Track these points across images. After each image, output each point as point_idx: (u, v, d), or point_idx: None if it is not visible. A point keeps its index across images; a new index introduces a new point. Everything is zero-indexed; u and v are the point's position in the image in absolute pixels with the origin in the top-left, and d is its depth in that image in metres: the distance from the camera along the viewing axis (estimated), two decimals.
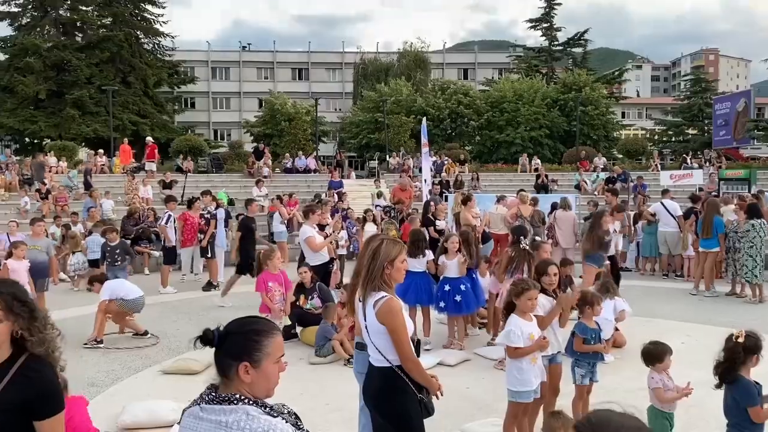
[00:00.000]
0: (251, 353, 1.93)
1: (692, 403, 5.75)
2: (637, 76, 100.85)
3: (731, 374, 3.71)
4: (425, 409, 3.43)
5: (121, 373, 7.12)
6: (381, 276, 3.43)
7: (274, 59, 56.98)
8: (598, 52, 65.13)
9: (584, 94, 37.49)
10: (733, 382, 3.72)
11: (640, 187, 20.24)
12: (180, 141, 30.71)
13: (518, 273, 6.76)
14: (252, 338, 1.96)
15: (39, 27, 39.48)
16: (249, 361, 1.92)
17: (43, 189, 18.60)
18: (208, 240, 12.16)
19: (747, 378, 3.70)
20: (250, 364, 1.92)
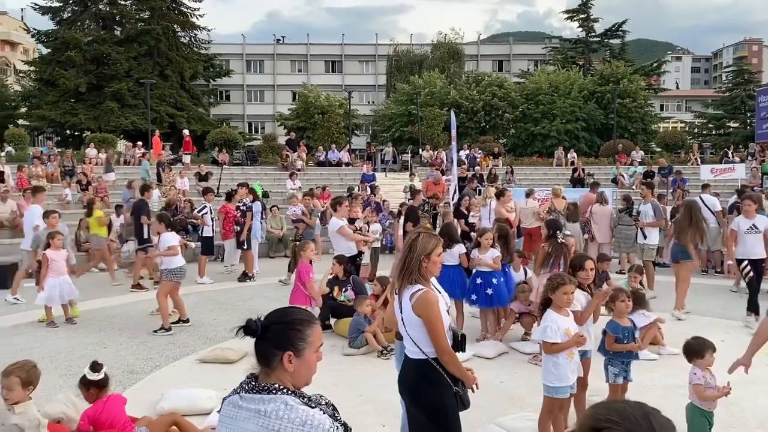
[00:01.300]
0: (295, 343, 1.98)
1: (732, 401, 5.65)
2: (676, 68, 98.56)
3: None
4: (461, 402, 3.44)
5: (159, 361, 7.27)
6: (418, 269, 3.44)
7: (307, 52, 57.18)
8: (636, 43, 63.84)
9: (622, 87, 36.78)
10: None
11: (679, 182, 19.82)
12: (215, 133, 31.13)
13: (554, 268, 6.70)
14: (296, 328, 2.00)
15: (79, 21, 40.31)
16: (292, 351, 1.96)
17: (84, 180, 19.04)
18: (247, 232, 12.29)
19: None
20: (293, 354, 1.96)
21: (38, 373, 3.97)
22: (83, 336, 8.33)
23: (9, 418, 3.82)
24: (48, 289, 8.69)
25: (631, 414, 1.32)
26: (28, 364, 3.96)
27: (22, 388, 3.83)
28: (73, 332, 8.57)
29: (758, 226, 8.43)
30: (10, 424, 3.82)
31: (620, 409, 1.34)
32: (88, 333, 8.51)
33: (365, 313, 7.62)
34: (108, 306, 10.05)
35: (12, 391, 3.82)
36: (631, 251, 12.25)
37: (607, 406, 1.37)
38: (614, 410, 1.33)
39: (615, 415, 1.32)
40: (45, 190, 13.82)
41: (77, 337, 8.29)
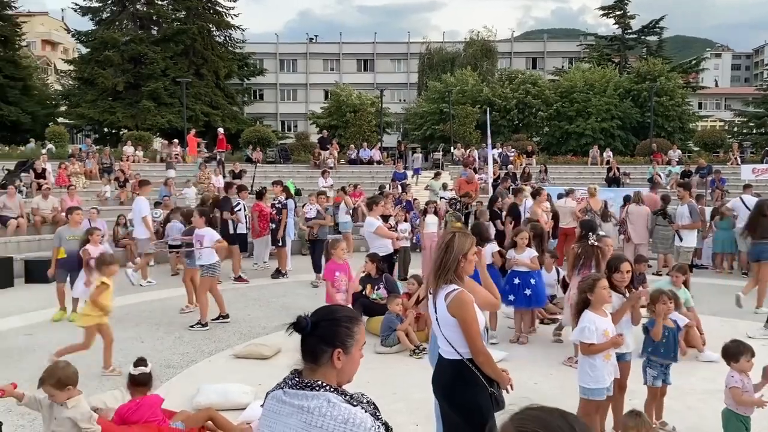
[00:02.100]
0: (344, 340, 2.01)
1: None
2: (715, 65, 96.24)
3: None
4: (496, 403, 3.41)
5: (195, 356, 7.38)
6: (455, 269, 3.43)
7: (339, 51, 57.42)
8: (674, 40, 62.61)
9: (659, 84, 36.08)
10: None
11: (718, 182, 19.37)
12: (249, 132, 31.46)
13: (585, 270, 6.61)
14: (344, 325, 2.03)
15: (117, 21, 41.14)
16: (342, 348, 2.00)
17: (122, 177, 19.42)
18: (283, 229, 12.38)
19: None
20: (342, 351, 2.00)
21: (70, 370, 4.02)
22: (121, 331, 8.48)
23: (62, 412, 3.95)
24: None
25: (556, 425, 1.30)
26: (57, 368, 4.02)
27: (60, 392, 3.92)
28: (111, 327, 8.74)
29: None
30: (63, 418, 3.94)
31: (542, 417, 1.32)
32: (125, 327, 8.68)
33: (396, 312, 7.62)
34: (143, 301, 10.24)
35: (54, 395, 3.94)
36: (668, 252, 12.02)
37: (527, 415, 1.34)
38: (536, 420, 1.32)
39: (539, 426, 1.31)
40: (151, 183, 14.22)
41: (115, 331, 8.43)
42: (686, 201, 11.00)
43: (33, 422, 5.34)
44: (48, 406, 4.01)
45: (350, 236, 14.60)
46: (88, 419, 3.95)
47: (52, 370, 3.99)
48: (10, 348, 7.69)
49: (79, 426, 3.91)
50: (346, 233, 14.56)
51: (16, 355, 7.40)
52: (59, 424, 3.94)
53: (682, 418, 5.14)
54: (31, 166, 18.47)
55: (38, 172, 17.90)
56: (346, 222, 14.94)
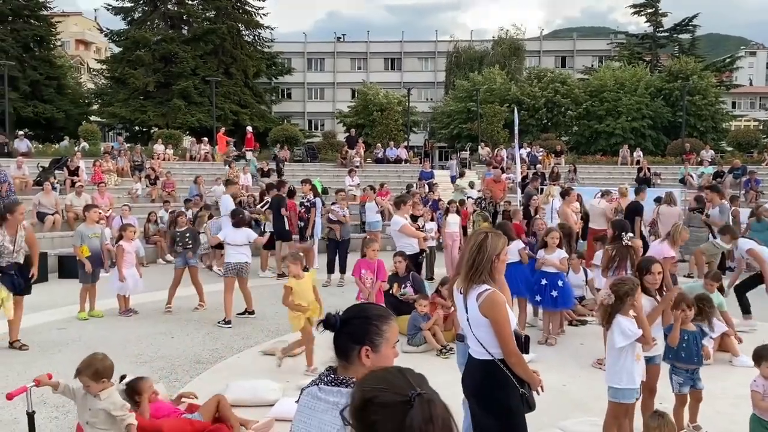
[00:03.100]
0: (372, 337, 2.02)
1: None
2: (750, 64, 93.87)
3: None
4: (527, 404, 3.40)
5: (224, 352, 7.47)
6: (488, 270, 3.42)
7: (367, 50, 57.48)
8: (707, 38, 61.45)
9: (691, 83, 35.42)
10: None
11: (753, 183, 18.96)
12: (277, 131, 31.69)
13: (620, 270, 6.52)
14: (373, 323, 2.04)
15: (149, 21, 41.75)
16: (370, 345, 2.01)
17: (152, 175, 19.72)
18: (311, 227, 12.47)
19: None
20: (370, 348, 2.00)
21: (107, 364, 4.10)
22: (151, 326, 8.64)
23: (96, 404, 4.04)
24: (126, 278, 9.08)
25: (391, 377, 1.50)
26: (95, 359, 4.10)
27: (95, 383, 4.01)
28: (141, 322, 8.91)
29: None
30: (97, 409, 4.03)
31: (383, 377, 1.51)
32: (156, 323, 8.83)
33: (423, 312, 7.61)
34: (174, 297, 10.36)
35: (89, 386, 4.03)
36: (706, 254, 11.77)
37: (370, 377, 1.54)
38: (379, 379, 1.50)
39: (381, 383, 1.48)
40: (236, 183, 14.53)
41: (145, 326, 8.60)
42: (717, 203, 10.73)
43: (67, 414, 5.46)
44: (82, 396, 4.11)
45: (378, 235, 14.56)
46: (120, 407, 4.04)
47: (90, 361, 4.08)
48: (45, 341, 7.87)
49: (113, 415, 4.00)
50: (376, 232, 14.46)
51: (50, 348, 7.57)
52: (93, 415, 4.03)
53: (713, 422, 5.06)
54: (65, 164, 18.85)
55: (72, 170, 18.27)
56: (376, 221, 14.81)
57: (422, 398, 1.44)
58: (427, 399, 1.44)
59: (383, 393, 1.46)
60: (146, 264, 13.47)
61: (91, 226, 9.33)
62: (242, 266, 8.85)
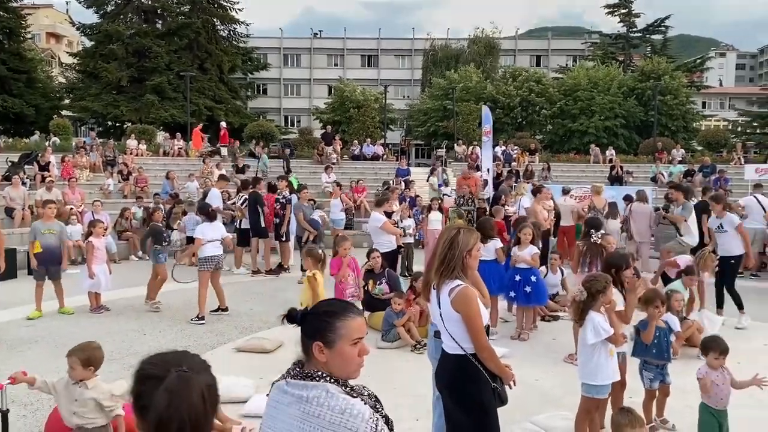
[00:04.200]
0: (324, 334, 1.99)
1: None
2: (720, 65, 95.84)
3: None
4: (499, 399, 3.43)
5: (196, 349, 7.38)
6: (459, 265, 3.44)
7: (344, 46, 57.37)
8: (678, 39, 62.45)
9: (663, 83, 35.97)
10: None
11: (721, 181, 19.33)
12: (252, 127, 31.45)
13: (591, 267, 6.62)
14: (324, 319, 2.01)
15: (122, 14, 41.06)
16: (322, 341, 1.98)
17: (125, 171, 19.45)
18: (287, 224, 12.41)
19: None
20: (323, 344, 1.98)
21: (99, 354, 4.13)
22: (123, 323, 8.54)
23: (84, 393, 4.03)
24: (96, 275, 8.94)
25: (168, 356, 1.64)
26: (89, 346, 4.13)
27: (82, 368, 4.00)
28: (113, 319, 8.79)
29: None
30: (85, 399, 4.02)
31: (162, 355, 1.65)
32: (128, 320, 8.73)
33: (397, 310, 7.63)
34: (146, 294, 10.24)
35: (74, 370, 4.02)
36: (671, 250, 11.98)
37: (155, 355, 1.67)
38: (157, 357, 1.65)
39: (155, 360, 1.63)
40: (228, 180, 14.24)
41: (116, 323, 8.50)
42: (681, 202, 10.87)
43: (36, 413, 5.38)
44: (64, 387, 4.09)
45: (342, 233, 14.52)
46: (109, 398, 4.05)
47: (85, 347, 4.11)
48: (14, 339, 7.73)
49: (102, 405, 3.99)
50: (338, 230, 14.41)
51: (19, 346, 7.44)
52: (82, 405, 4.02)
53: (682, 416, 5.15)
54: (35, 159, 18.49)
55: (42, 165, 17.93)
56: (340, 219, 14.77)
57: (179, 375, 1.54)
58: (185, 377, 1.54)
59: (151, 367, 1.60)
60: (118, 260, 13.31)
61: (47, 223, 9.03)
62: (219, 258, 8.83)
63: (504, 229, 10.71)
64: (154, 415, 1.50)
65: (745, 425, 5.01)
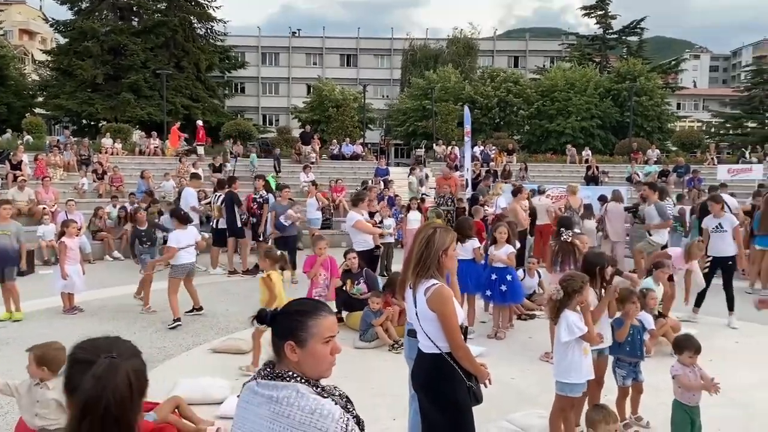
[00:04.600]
0: (295, 333, 1.98)
1: (748, 403, 5.64)
2: (694, 67, 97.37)
3: None
4: (474, 397, 3.44)
5: (173, 350, 7.34)
6: (435, 264, 3.45)
7: (323, 45, 57.22)
8: (654, 40, 63.23)
9: (639, 84, 36.44)
10: None
11: (695, 181, 19.64)
12: (229, 125, 31.22)
13: (564, 266, 6.69)
14: (296, 318, 2.00)
15: (97, 11, 40.49)
16: (294, 341, 1.97)
17: (100, 170, 19.19)
18: (264, 224, 12.33)
19: None
20: (295, 344, 1.97)
21: (57, 355, 3.99)
22: (96, 324, 8.41)
23: (45, 394, 3.96)
24: (69, 276, 8.79)
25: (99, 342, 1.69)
26: (49, 345, 4.05)
27: (35, 366, 3.93)
28: (87, 320, 8.67)
29: None
30: (47, 399, 3.95)
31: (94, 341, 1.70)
32: (102, 321, 8.61)
33: (375, 309, 7.63)
34: (121, 294, 10.12)
35: (30, 367, 3.95)
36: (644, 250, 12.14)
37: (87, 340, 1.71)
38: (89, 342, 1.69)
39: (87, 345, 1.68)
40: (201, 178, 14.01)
41: (90, 325, 8.37)
42: (653, 201, 11.00)
43: (5, 416, 5.28)
44: (27, 389, 4.02)
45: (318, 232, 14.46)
46: None
47: (45, 345, 4.04)
48: None
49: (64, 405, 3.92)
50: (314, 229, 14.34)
51: None
52: (44, 406, 3.95)
53: (656, 413, 5.22)
54: (7, 157, 18.17)
55: (14, 164, 17.61)
56: (316, 218, 14.70)
57: (108, 361, 1.60)
58: (113, 363, 1.60)
59: (81, 352, 1.66)
60: (93, 261, 13.14)
61: (2, 223, 8.68)
62: (192, 266, 8.70)
63: (483, 229, 10.77)
64: (81, 397, 1.57)
65: (717, 423, 5.10)
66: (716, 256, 8.84)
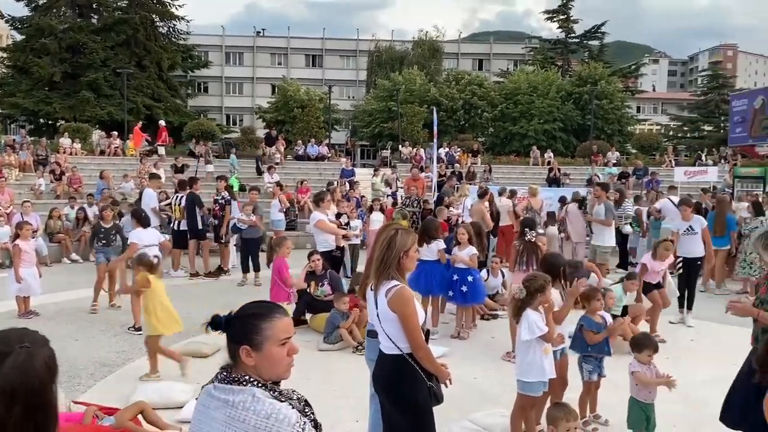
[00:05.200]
0: (250, 336, 1.97)
1: (702, 400, 5.78)
2: (653, 71, 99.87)
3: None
4: (434, 397, 3.46)
5: (132, 354, 7.20)
6: (396, 265, 3.47)
7: (288, 45, 56.89)
8: (614, 45, 64.56)
9: (599, 88, 37.18)
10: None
11: (654, 183, 20.11)
12: (192, 125, 30.81)
13: (528, 266, 6.77)
14: (250, 322, 1.99)
15: (55, 8, 39.54)
16: (249, 345, 1.96)
17: (58, 170, 18.74)
18: (226, 226, 12.18)
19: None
20: (250, 348, 1.95)
21: None
22: (53, 328, 8.19)
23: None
24: (24, 279, 8.56)
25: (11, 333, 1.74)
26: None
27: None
28: (43, 324, 8.41)
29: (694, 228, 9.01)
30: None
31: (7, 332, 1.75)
32: (58, 325, 8.40)
33: (342, 310, 7.61)
34: (79, 298, 9.89)
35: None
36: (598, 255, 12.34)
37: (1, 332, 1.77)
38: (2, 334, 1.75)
39: None
40: (160, 177, 13.61)
41: (47, 329, 8.07)
42: (603, 200, 11.24)
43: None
44: None
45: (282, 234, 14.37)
46: None
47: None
48: None
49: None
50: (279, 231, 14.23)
51: None
52: None
53: (615, 410, 5.31)
54: None
55: None
56: (278, 220, 14.55)
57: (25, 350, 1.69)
58: (29, 352, 1.70)
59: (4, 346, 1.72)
60: (50, 264, 12.82)
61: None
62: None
63: (447, 230, 10.85)
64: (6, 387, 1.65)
65: (672, 420, 5.24)
66: (686, 257, 9.06)
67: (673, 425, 5.21)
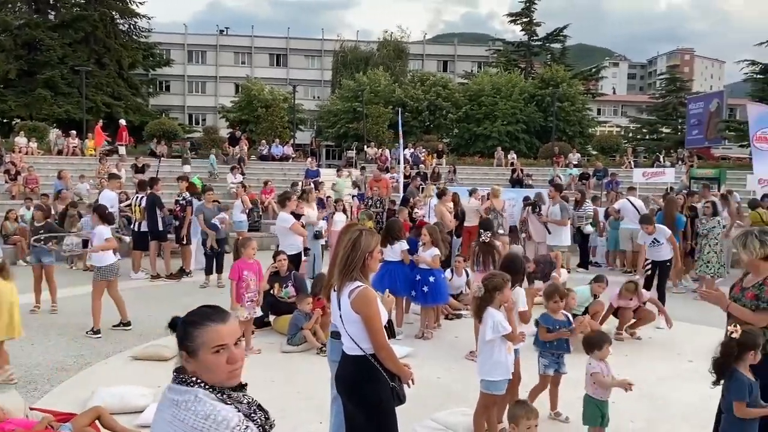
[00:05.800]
0: (183, 342, 1.99)
1: (658, 396, 5.93)
2: (613, 74, 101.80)
3: (727, 369, 3.74)
4: (397, 397, 3.47)
5: (91, 358, 7.05)
6: (361, 267, 3.47)
7: (251, 44, 56.39)
8: (576, 48, 65.71)
9: (561, 90, 37.75)
10: (729, 377, 3.75)
11: (613, 184, 20.52)
12: (154, 125, 30.28)
13: (486, 266, 6.87)
14: (184, 328, 2.01)
15: (10, 3, 38.52)
16: (184, 350, 1.99)
17: (13, 170, 18.23)
18: (187, 227, 12.00)
19: (742, 373, 3.73)
20: (186, 353, 1.98)
21: None
22: None
23: None
24: None
25: None
26: None
27: None
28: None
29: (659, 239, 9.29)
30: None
31: None
32: None
33: (306, 311, 7.58)
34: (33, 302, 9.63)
35: None
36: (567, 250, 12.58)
37: None
38: None
39: None
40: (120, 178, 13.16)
41: None
42: (557, 201, 11.46)
43: None
44: None
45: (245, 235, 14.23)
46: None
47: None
48: None
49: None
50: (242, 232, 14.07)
51: None
52: None
53: (575, 407, 5.40)
54: None
55: None
56: (240, 221, 14.34)
57: None
58: None
59: None
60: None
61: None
62: (117, 265, 8.27)
63: (409, 230, 10.90)
64: None
65: (628, 415, 5.36)
66: (655, 260, 9.43)
67: (630, 420, 5.34)
